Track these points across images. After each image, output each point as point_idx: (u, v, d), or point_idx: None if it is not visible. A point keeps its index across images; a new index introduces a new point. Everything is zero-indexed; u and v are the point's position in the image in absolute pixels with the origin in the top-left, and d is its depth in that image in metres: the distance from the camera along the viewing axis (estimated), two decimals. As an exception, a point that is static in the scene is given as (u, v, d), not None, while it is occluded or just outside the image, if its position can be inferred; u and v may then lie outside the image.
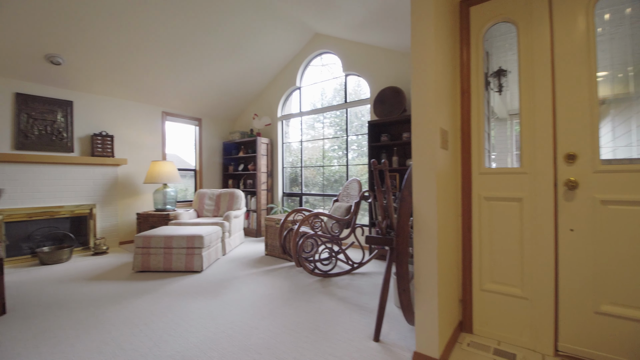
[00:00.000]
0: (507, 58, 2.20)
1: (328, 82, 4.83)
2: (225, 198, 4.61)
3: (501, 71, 2.17)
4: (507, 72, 2.17)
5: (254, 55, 4.59)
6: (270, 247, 3.85)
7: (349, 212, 3.29)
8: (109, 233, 4.33)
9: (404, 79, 3.86)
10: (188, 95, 4.96)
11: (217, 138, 5.88)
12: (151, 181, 4.33)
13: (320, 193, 4.89)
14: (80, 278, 3.00)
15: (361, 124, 4.50)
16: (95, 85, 4.15)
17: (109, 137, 4.35)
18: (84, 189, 4.12)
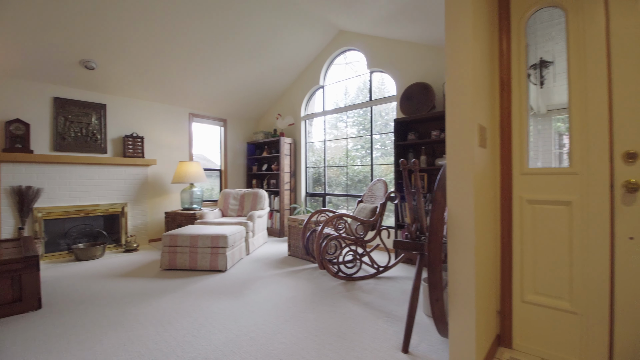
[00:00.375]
0: (547, 49, 2.01)
1: (352, 80, 4.73)
2: (249, 198, 4.63)
3: (543, 62, 1.98)
4: (550, 63, 1.98)
5: (278, 55, 4.57)
6: (293, 247, 3.81)
7: (374, 213, 3.18)
8: (139, 231, 4.48)
9: (432, 74, 3.68)
10: (213, 96, 5.05)
11: (242, 138, 5.94)
12: (178, 181, 4.43)
13: (344, 193, 4.79)
14: (111, 275, 3.10)
15: (385, 122, 4.36)
16: (126, 88, 4.30)
17: (140, 138, 4.50)
18: (116, 188, 4.28)
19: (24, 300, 2.20)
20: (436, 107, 3.60)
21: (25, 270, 2.21)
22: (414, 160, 1.82)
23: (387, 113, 4.36)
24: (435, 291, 1.51)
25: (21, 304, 2.19)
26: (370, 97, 4.41)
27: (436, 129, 3.56)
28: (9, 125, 3.52)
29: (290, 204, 5.23)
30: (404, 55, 3.92)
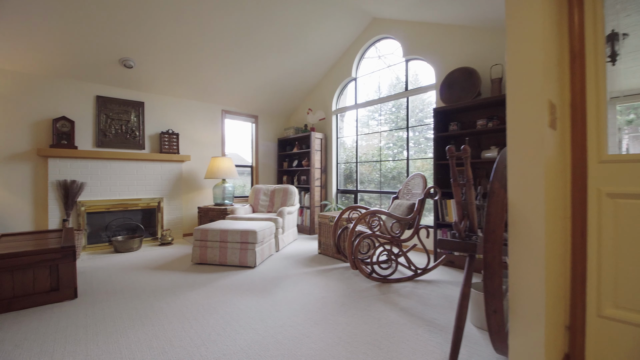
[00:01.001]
0: (618, 22, 1.67)
1: (385, 71, 4.46)
2: (279, 194, 4.55)
3: (615, 35, 1.64)
4: (625, 36, 1.64)
5: (309, 48, 4.44)
6: (324, 245, 3.65)
7: (411, 210, 2.92)
8: (174, 225, 4.58)
9: (477, 57, 3.32)
10: (245, 92, 5.04)
11: (272, 135, 5.90)
12: (211, 176, 4.46)
13: (377, 190, 4.54)
14: (145, 267, 3.14)
15: (418, 120, 4.04)
16: (162, 86, 4.40)
17: (175, 135, 4.60)
18: (153, 183, 4.40)
19: (61, 290, 2.25)
20: (482, 94, 3.25)
21: (62, 260, 2.26)
22: (463, 146, 1.57)
23: (422, 109, 4.05)
24: (493, 301, 1.26)
25: (58, 293, 2.24)
26: (406, 87, 4.12)
27: (483, 117, 3.20)
28: (56, 122, 3.72)
29: (320, 201, 5.08)
30: (444, 40, 3.60)
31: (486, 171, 3.21)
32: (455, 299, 2.33)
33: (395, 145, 4.42)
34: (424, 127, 4.02)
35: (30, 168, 3.61)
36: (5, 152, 3.48)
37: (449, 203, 3.26)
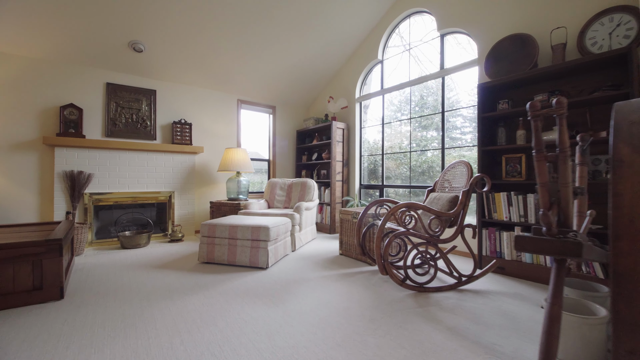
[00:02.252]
0: None
1: (417, 50, 3.95)
2: (296, 188, 4.15)
3: None
4: None
5: (331, 27, 4.02)
6: (346, 245, 3.20)
7: (453, 204, 2.42)
8: (186, 221, 4.30)
9: (531, 22, 2.76)
10: (262, 81, 4.69)
11: (291, 126, 5.52)
12: (224, 169, 4.14)
13: (406, 185, 4.03)
14: (148, 265, 2.84)
15: (450, 104, 3.50)
16: (175, 73, 4.14)
17: (188, 125, 4.33)
18: (164, 176, 4.15)
19: (45, 289, 1.96)
20: (538, 65, 2.68)
21: (46, 256, 1.97)
22: (557, 99, 1.07)
23: (456, 93, 3.50)
24: (631, 336, 0.77)
25: (41, 292, 1.95)
26: (441, 65, 3.59)
27: (542, 91, 2.64)
28: (64, 110, 3.53)
29: (342, 197, 4.64)
30: (488, 5, 3.05)
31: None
32: (516, 317, 1.81)
33: (423, 138, 3.89)
34: (463, 110, 3.48)
35: (36, 157, 3.43)
36: (10, 140, 3.31)
37: (498, 197, 2.71)
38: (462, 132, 3.80)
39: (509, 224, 2.67)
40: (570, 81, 2.55)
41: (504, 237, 2.66)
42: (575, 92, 2.51)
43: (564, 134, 1.06)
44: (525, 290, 2.26)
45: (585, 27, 2.40)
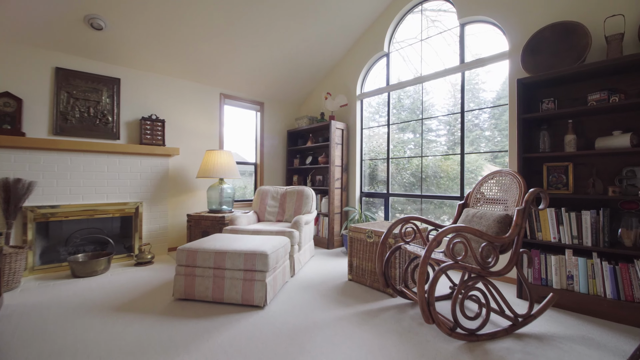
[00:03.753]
0: None
1: (431, 42, 3.49)
2: (291, 198, 3.56)
3: None
4: None
5: (329, 15, 3.47)
6: (358, 270, 2.66)
7: (504, 225, 1.94)
8: (157, 237, 3.58)
9: (579, 9, 2.36)
10: (249, 73, 4.06)
11: (281, 126, 4.92)
12: (205, 175, 3.47)
13: (416, 194, 3.56)
14: (105, 306, 2.15)
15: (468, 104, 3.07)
16: (145, 58, 3.42)
17: (160, 122, 3.61)
18: (130, 183, 3.41)
19: None
20: (585, 59, 2.28)
21: None
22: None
23: (475, 92, 3.05)
24: None
25: None
26: (461, 59, 3.15)
27: (595, 90, 2.24)
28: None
29: (342, 207, 4.10)
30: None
31: (602, 169, 2.23)
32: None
33: (431, 141, 3.42)
34: (438, 112, 3.05)
35: (-48, 161, 2.62)
36: None
37: (544, 214, 2.28)
38: (437, 134, 3.51)
39: (557, 245, 2.24)
40: (625, 78, 2.16)
41: (552, 261, 2.23)
42: (635, 91, 2.13)
43: None
44: (594, 332, 1.83)
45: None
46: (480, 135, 3.17)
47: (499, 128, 3.04)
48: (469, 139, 3.17)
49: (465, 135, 3.14)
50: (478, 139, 3.17)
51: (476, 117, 3.17)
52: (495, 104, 3.00)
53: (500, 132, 3.02)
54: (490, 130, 3.11)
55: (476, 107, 3.12)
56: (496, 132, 3.07)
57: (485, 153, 3.13)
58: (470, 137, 3.19)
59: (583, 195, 2.14)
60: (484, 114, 3.11)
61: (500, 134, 3.03)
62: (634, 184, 2.08)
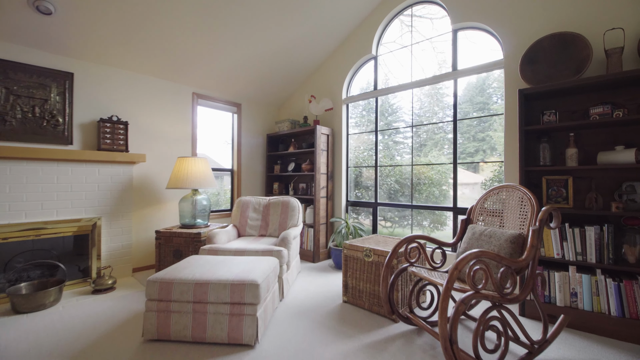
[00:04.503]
0: None
1: (420, 47, 3.38)
2: (275, 210, 3.27)
3: None
4: None
5: (314, 14, 3.23)
6: (354, 291, 2.45)
7: (517, 246, 1.83)
8: (119, 257, 3.12)
9: (577, 21, 2.33)
10: (226, 71, 3.69)
11: (260, 129, 4.59)
12: (176, 186, 3.07)
13: (406, 204, 3.43)
14: (54, 354, 1.74)
15: (439, 117, 3.01)
16: (104, 50, 2.95)
17: (122, 125, 3.15)
18: (86, 196, 2.93)
19: None
20: (585, 71, 2.25)
21: None
22: None
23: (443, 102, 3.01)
24: None
25: None
26: (454, 66, 3.06)
27: (596, 102, 2.21)
28: None
29: (327, 217, 3.88)
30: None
31: (601, 183, 2.21)
32: None
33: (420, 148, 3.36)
34: (405, 115, 2.98)
35: None
36: None
37: (545, 229, 2.21)
38: (404, 136, 3.60)
39: (561, 262, 2.18)
40: (624, 92, 2.16)
41: (555, 278, 2.17)
42: (634, 105, 2.12)
43: None
44: (605, 354, 1.76)
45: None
46: (444, 138, 3.24)
47: (461, 131, 3.04)
48: (434, 140, 3.22)
49: (429, 137, 3.07)
50: (442, 141, 3.24)
51: (397, 121, 3.26)
52: (463, 109, 2.94)
53: (463, 134, 3.07)
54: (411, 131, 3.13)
55: (469, 116, 3.05)
56: (458, 134, 3.05)
57: (476, 163, 3.07)
58: (435, 139, 3.24)
59: (586, 211, 2.09)
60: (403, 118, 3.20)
61: (462, 137, 3.08)
62: (634, 199, 2.07)
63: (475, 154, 3.15)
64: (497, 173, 3.11)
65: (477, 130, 3.11)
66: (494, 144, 3.00)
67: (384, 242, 2.56)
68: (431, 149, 3.39)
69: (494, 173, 3.16)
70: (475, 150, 3.17)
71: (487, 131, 3.07)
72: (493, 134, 3.02)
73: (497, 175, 3.18)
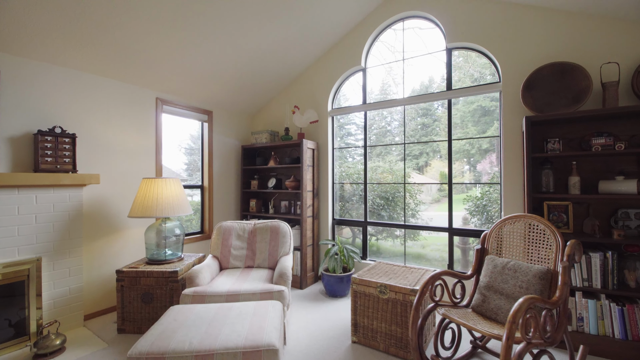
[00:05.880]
0: None
1: (416, 60, 3.30)
2: (263, 236, 2.91)
3: None
4: None
5: (298, 18, 2.95)
6: (366, 330, 2.24)
7: (547, 282, 1.78)
8: (66, 305, 2.48)
9: (576, 52, 2.42)
10: (195, 74, 3.20)
11: (234, 140, 4.13)
12: (143, 214, 2.53)
13: (397, 223, 3.33)
14: None
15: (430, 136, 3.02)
16: (42, 42, 2.30)
17: (68, 138, 2.50)
18: (20, 231, 2.25)
19: None
20: (584, 102, 2.34)
21: None
22: None
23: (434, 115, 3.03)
24: None
25: None
26: (449, 85, 3.02)
27: (587, 131, 2.30)
28: None
29: (313, 237, 3.61)
30: (518, 24, 2.61)
31: (597, 209, 2.30)
32: None
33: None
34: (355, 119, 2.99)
35: None
36: None
37: (554, 256, 2.24)
38: (355, 138, 3.83)
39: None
40: (618, 124, 2.28)
41: (563, 304, 2.21)
42: (626, 135, 2.25)
43: None
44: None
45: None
46: (392, 140, 3.57)
47: (407, 135, 3.05)
48: (347, 140, 3.29)
49: (344, 139, 3.04)
50: (358, 141, 3.65)
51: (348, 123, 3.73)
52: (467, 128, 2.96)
53: (409, 137, 3.27)
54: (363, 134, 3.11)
55: (464, 135, 3.04)
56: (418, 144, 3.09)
57: (472, 184, 3.08)
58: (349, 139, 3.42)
59: (587, 238, 2.16)
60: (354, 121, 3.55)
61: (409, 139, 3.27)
62: (629, 225, 2.19)
63: (420, 156, 3.55)
64: (486, 193, 3.17)
65: (421, 134, 3.49)
66: (437, 147, 3.36)
67: (393, 274, 2.40)
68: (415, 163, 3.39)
69: (483, 193, 3.22)
70: (420, 152, 3.55)
71: (431, 135, 3.42)
72: (436, 138, 3.35)
73: (485, 194, 3.25)
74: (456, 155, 3.07)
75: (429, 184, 3.44)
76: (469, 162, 3.22)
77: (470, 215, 3.27)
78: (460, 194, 3.24)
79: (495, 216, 3.02)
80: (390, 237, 3.90)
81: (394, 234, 3.83)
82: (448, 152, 3.02)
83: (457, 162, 3.14)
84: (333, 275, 3.12)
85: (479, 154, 3.14)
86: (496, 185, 2.96)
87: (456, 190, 3.09)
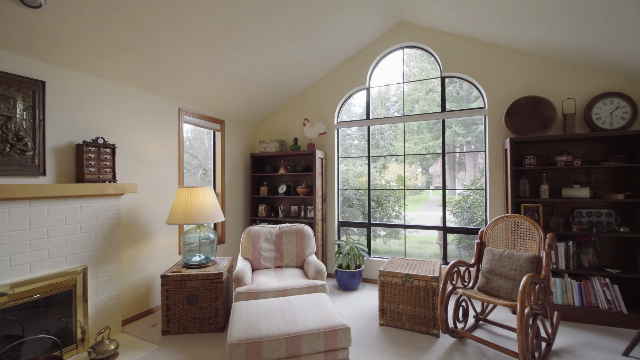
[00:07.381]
0: None
1: (413, 85, 3.84)
2: (289, 239, 3.20)
3: None
4: None
5: (318, 42, 3.31)
6: (393, 314, 2.67)
7: (534, 265, 2.38)
8: (108, 312, 2.54)
9: (544, 87, 3.12)
10: (213, 86, 3.36)
11: (243, 147, 4.32)
12: (186, 221, 2.69)
13: (398, 224, 3.84)
14: None
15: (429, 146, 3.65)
16: (87, 55, 2.37)
17: (109, 148, 2.57)
18: (67, 241, 2.29)
19: None
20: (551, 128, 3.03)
21: None
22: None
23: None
24: None
25: None
26: (442, 107, 3.61)
27: (553, 149, 3.01)
28: None
29: (322, 238, 3.97)
30: (500, 62, 3.27)
31: (559, 209, 3.02)
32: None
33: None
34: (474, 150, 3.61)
35: None
36: None
37: (531, 246, 2.89)
38: (353, 145, 4.36)
39: (541, 270, 2.89)
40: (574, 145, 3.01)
41: (538, 283, 2.87)
42: (579, 154, 2.99)
43: None
44: (588, 337, 2.46)
45: (591, 103, 2.88)
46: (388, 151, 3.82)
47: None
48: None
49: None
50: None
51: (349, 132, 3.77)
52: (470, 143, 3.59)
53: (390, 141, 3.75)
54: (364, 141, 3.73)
55: (465, 150, 3.64)
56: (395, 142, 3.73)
57: (468, 189, 3.69)
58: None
59: (556, 232, 2.84)
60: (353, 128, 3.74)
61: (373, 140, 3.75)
62: (582, 221, 2.93)
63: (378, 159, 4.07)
64: (465, 195, 3.83)
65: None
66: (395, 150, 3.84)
67: (409, 266, 2.86)
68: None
69: (464, 197, 3.88)
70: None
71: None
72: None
73: (465, 198, 3.91)
74: (413, 158, 3.72)
75: (425, 189, 4.01)
76: (421, 166, 4.04)
77: (454, 216, 3.90)
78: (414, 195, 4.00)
79: (479, 216, 3.66)
80: (379, 237, 4.45)
81: (379, 233, 4.42)
82: (442, 165, 3.59)
83: (412, 165, 3.92)
84: (347, 271, 3.51)
85: (432, 159, 3.89)
86: (480, 190, 3.60)
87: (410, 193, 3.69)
